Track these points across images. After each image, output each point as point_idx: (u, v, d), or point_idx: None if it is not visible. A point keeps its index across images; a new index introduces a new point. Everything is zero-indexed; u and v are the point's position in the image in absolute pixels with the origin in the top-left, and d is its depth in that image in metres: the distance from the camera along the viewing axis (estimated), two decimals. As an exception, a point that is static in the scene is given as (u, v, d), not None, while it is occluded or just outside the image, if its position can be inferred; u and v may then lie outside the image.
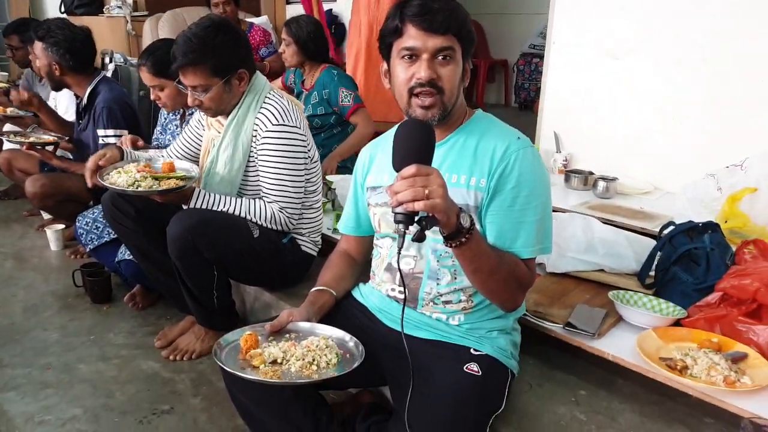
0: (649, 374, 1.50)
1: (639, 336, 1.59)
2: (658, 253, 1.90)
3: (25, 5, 7.06)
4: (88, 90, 2.92)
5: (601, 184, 2.89)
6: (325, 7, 4.39)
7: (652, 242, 2.03)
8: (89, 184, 2.00)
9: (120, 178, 1.94)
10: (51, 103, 3.56)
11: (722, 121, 2.76)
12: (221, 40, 1.93)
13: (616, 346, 1.61)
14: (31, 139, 2.86)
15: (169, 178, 1.96)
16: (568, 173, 3.12)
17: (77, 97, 3.04)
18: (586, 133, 3.33)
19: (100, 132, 2.80)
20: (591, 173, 3.07)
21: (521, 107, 6.39)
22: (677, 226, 1.93)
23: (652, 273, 1.91)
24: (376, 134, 3.42)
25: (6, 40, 4.11)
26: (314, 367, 1.31)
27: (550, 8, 3.42)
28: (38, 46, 2.85)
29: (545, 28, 3.66)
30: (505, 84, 6.83)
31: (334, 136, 3.21)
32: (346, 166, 3.23)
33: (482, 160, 1.37)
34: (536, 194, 1.36)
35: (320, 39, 3.16)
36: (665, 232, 1.95)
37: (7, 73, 5.25)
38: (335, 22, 5.29)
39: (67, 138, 3.07)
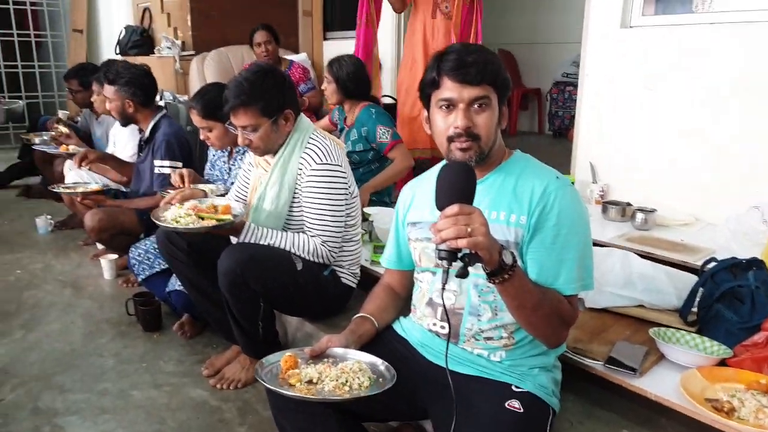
0: (695, 415, 1.49)
1: (683, 375, 1.59)
2: (700, 289, 1.90)
3: (82, 48, 7.43)
4: (151, 124, 3.13)
5: (640, 216, 2.87)
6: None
7: (693, 278, 2.02)
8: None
9: (168, 213, 2.07)
10: (110, 139, 3.75)
11: (766, 151, 2.73)
12: (269, 83, 2.06)
13: (659, 385, 1.61)
14: (80, 190, 3.11)
15: (211, 218, 2.05)
16: (605, 204, 3.11)
17: (140, 131, 3.24)
18: (623, 164, 3.33)
19: (157, 162, 2.97)
20: (629, 204, 3.06)
21: (555, 135, 6.41)
22: (720, 262, 1.92)
23: (695, 309, 1.91)
24: (415, 167, 3.52)
25: (67, 83, 4.35)
26: (347, 388, 1.36)
27: (582, 39, 3.46)
28: (110, 90, 3.07)
29: (578, 57, 3.70)
30: (538, 112, 6.87)
31: (371, 171, 3.29)
32: (382, 201, 3.31)
33: (521, 198, 1.42)
34: (576, 232, 1.40)
35: (360, 79, 3.24)
36: (707, 268, 1.95)
37: (67, 111, 5.54)
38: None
39: (110, 187, 3.36)
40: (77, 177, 3.49)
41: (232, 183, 2.50)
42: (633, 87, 3.23)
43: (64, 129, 3.95)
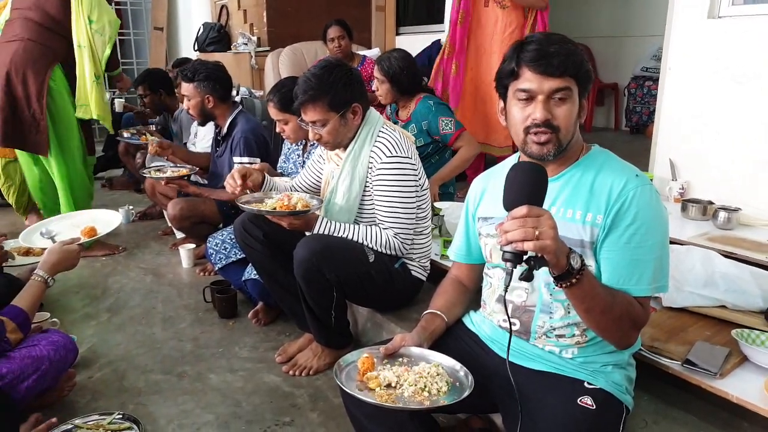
0: (779, 420, 1.44)
1: (767, 378, 1.53)
2: (789, 291, 1.81)
3: (162, 45, 7.76)
4: (229, 120, 3.21)
5: (722, 215, 2.75)
6: (435, 37, 4.46)
7: (782, 279, 1.94)
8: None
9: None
10: (192, 131, 3.91)
11: None
12: (336, 78, 2.09)
13: (741, 388, 1.55)
14: (168, 174, 3.21)
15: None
16: (685, 202, 3.00)
17: (216, 126, 3.34)
18: (704, 161, 3.20)
19: (236, 159, 3.05)
20: (710, 202, 2.94)
21: (632, 131, 6.19)
22: (810, 263, 1.83)
23: (782, 312, 1.83)
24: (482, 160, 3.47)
25: (136, 90, 4.54)
26: (426, 393, 1.35)
27: (666, 31, 3.33)
28: (189, 87, 3.15)
29: (659, 51, 3.56)
30: (615, 108, 6.66)
31: (431, 165, 3.24)
32: (448, 192, 3.29)
33: (599, 195, 1.37)
34: (653, 233, 1.34)
35: (412, 73, 3.16)
36: (796, 269, 1.86)
37: (122, 99, 5.67)
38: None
39: (197, 169, 3.42)
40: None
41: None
42: (719, 80, 3.08)
43: (154, 138, 4.17)
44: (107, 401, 2.14)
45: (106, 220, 2.42)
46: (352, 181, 2.17)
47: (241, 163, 2.94)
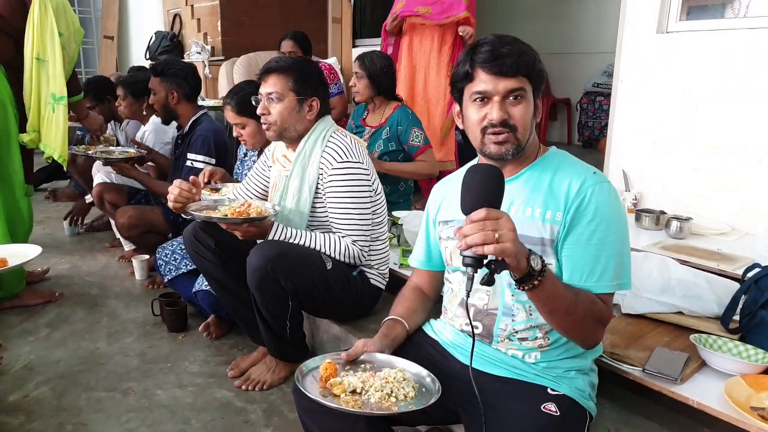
0: (740, 424, 1.43)
1: (727, 383, 1.53)
2: (743, 296, 1.83)
3: (113, 54, 7.56)
4: (192, 119, 3.11)
5: (675, 224, 2.80)
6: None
7: (734, 284, 1.96)
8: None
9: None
10: (138, 136, 3.76)
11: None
12: (309, 69, 2.14)
13: (701, 393, 1.55)
14: (114, 155, 3.09)
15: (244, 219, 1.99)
16: (639, 212, 3.05)
17: (179, 128, 3.23)
18: (656, 172, 3.26)
19: (191, 155, 2.94)
20: (663, 212, 3.00)
21: (585, 145, 6.33)
22: (764, 268, 1.85)
23: (736, 317, 1.84)
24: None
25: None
26: (393, 399, 1.31)
27: (617, 45, 3.41)
28: (155, 81, 3.06)
29: (610, 67, 3.63)
30: (568, 122, 6.80)
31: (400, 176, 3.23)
32: (407, 200, 3.28)
33: (557, 194, 1.37)
34: (613, 229, 1.35)
35: (392, 75, 3.19)
36: (750, 274, 1.88)
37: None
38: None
39: (144, 152, 3.30)
40: (105, 178, 3.52)
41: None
42: (669, 94, 3.15)
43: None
44: (43, 422, 2.01)
45: (23, 253, 2.23)
46: (302, 182, 2.11)
47: (194, 161, 2.83)
